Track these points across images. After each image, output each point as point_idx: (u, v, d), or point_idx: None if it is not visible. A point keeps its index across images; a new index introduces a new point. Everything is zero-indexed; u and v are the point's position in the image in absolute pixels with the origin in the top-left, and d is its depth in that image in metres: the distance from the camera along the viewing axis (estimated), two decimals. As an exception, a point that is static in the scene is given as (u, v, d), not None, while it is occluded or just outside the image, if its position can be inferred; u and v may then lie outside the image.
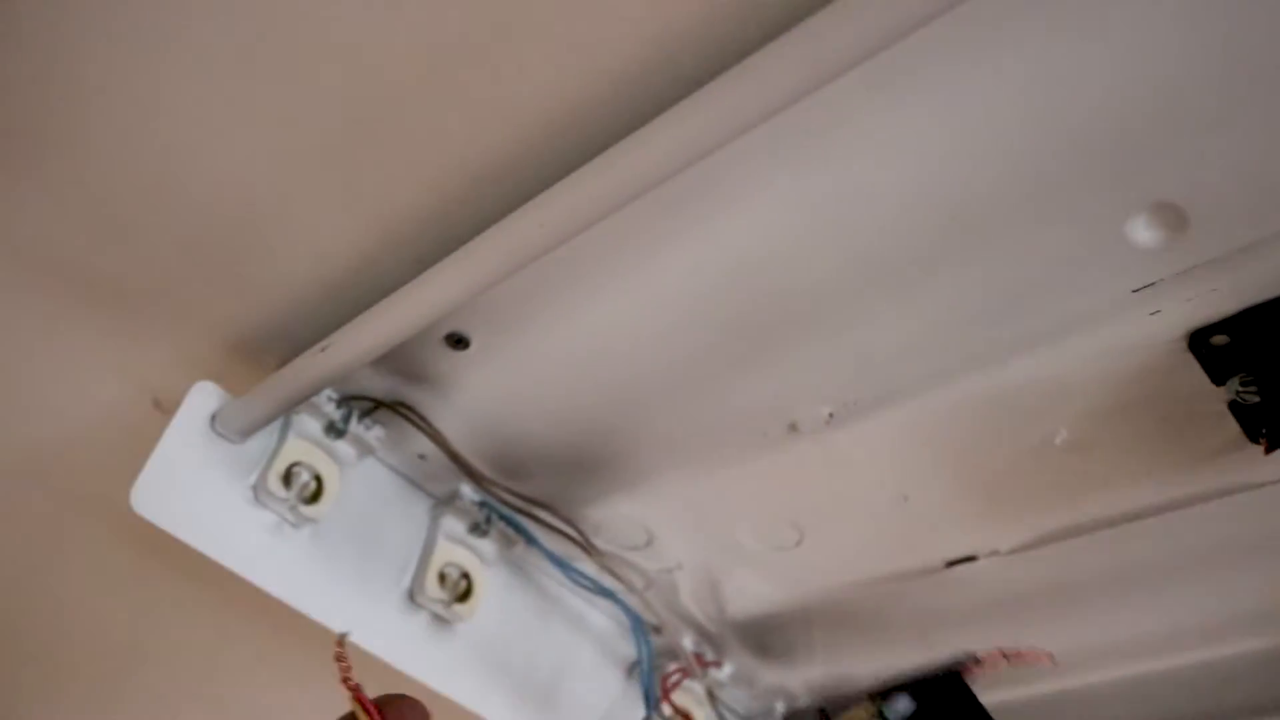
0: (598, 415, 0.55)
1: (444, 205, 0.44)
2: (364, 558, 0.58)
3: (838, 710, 0.62)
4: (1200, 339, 0.44)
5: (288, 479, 0.53)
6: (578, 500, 0.62)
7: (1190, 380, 0.45)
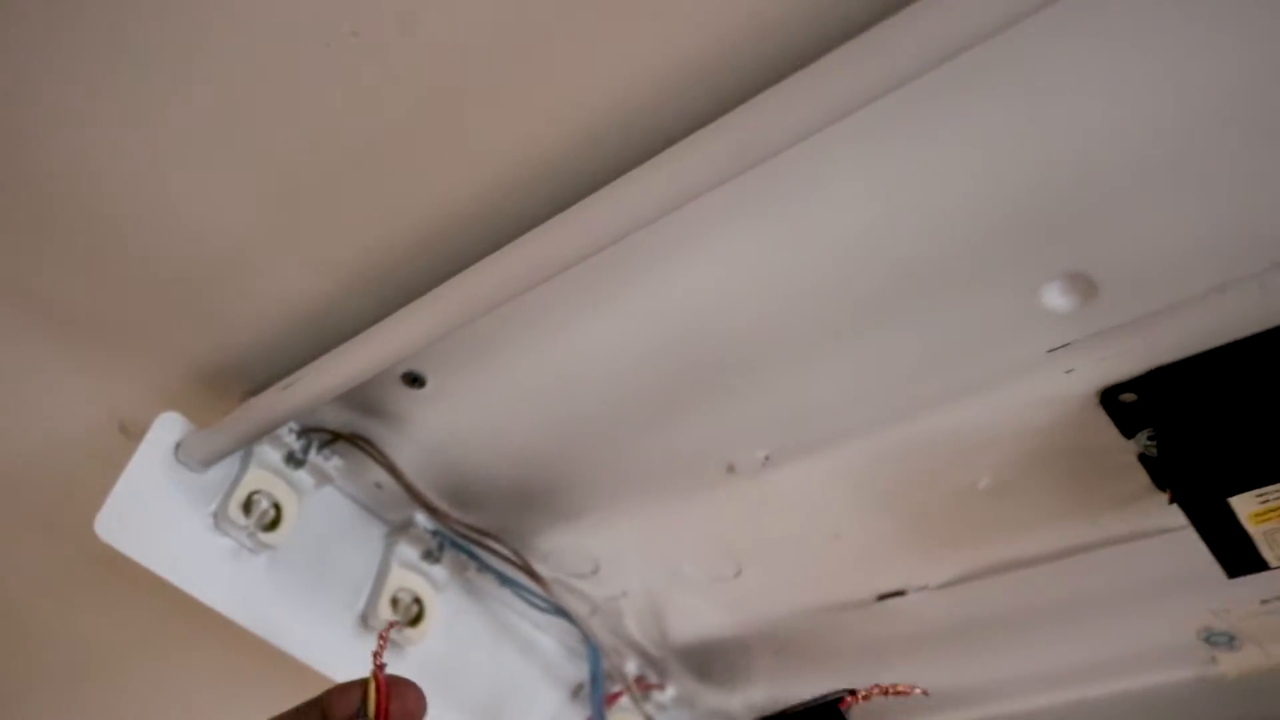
0: (547, 452, 0.57)
1: (406, 254, 0.46)
2: (320, 583, 0.60)
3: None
4: (1111, 396, 0.47)
5: (248, 507, 0.55)
6: (527, 530, 0.64)
7: (1102, 433, 0.49)
